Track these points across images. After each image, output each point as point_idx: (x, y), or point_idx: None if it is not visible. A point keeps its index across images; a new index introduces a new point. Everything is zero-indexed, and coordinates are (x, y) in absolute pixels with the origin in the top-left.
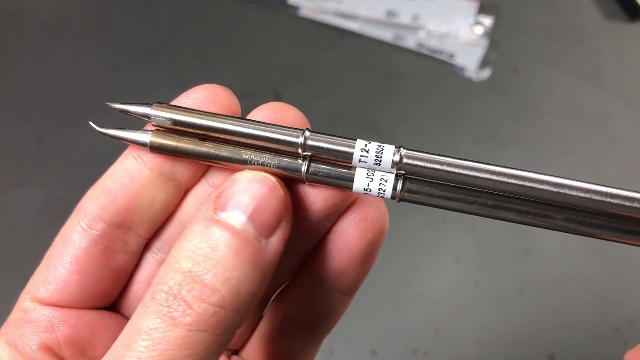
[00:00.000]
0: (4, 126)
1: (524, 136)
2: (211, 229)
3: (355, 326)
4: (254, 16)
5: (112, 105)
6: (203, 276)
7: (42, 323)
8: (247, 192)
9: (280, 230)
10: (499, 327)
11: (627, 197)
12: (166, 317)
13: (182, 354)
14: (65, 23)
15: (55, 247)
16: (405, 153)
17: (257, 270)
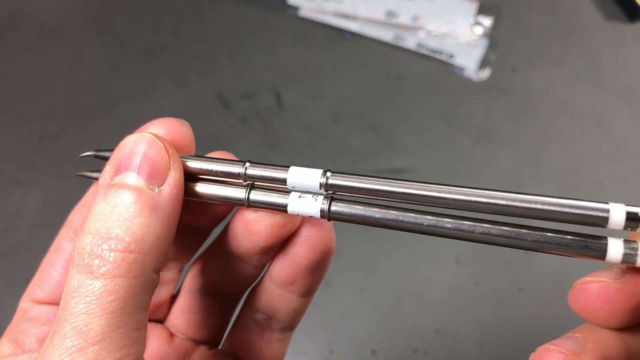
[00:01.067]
0: (4, 126)
1: (523, 136)
2: (109, 192)
3: (355, 326)
4: (254, 16)
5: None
6: (109, 231)
7: (41, 319)
8: (132, 152)
9: (172, 176)
10: (499, 327)
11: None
12: (86, 273)
13: (106, 300)
14: (65, 23)
15: (48, 255)
16: (330, 175)
17: (156, 214)
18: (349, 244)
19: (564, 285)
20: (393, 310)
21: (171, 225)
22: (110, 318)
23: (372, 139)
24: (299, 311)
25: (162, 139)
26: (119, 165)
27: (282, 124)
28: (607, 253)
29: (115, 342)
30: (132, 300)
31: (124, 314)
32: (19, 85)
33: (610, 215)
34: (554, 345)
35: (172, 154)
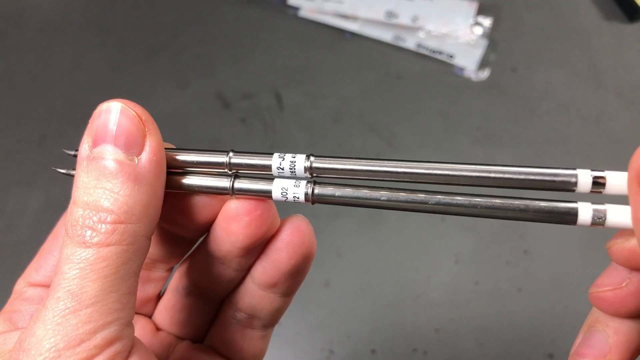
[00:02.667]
0: (5, 126)
1: (523, 136)
2: (90, 166)
3: (355, 326)
4: (254, 17)
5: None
6: (97, 204)
7: (35, 298)
8: (106, 122)
9: (149, 143)
10: (499, 326)
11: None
12: (79, 243)
13: (99, 266)
14: (66, 24)
15: (47, 242)
16: (314, 159)
17: (140, 183)
18: (349, 244)
19: (563, 285)
20: (393, 310)
21: (156, 190)
22: (104, 282)
23: (372, 139)
24: (281, 310)
25: (134, 106)
26: (96, 136)
27: (282, 124)
28: (577, 218)
29: (108, 306)
30: (124, 266)
31: (116, 279)
32: (19, 85)
33: (578, 180)
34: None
35: (146, 120)
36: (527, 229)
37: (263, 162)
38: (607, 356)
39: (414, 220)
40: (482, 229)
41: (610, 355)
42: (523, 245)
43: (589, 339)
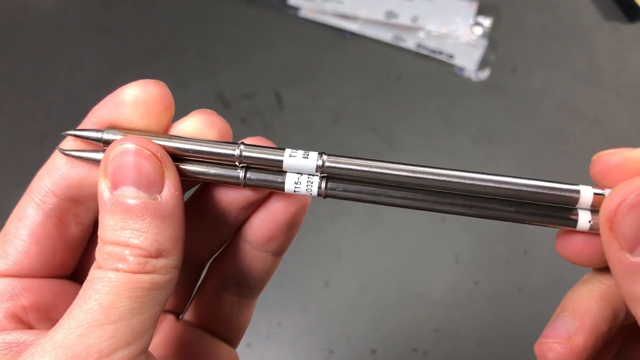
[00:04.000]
0: (5, 126)
1: (523, 136)
2: (115, 208)
3: (355, 326)
4: (254, 17)
5: (67, 133)
6: (128, 242)
7: (6, 293)
8: (123, 165)
9: (168, 179)
10: (498, 326)
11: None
12: (112, 269)
13: (132, 286)
14: (66, 24)
15: (10, 223)
16: (327, 158)
17: (166, 219)
18: (349, 244)
19: (563, 285)
20: (393, 310)
21: (181, 223)
22: (134, 302)
23: (372, 139)
24: (269, 272)
25: (149, 144)
26: (115, 179)
27: (282, 124)
28: (577, 223)
29: (131, 327)
30: (154, 293)
31: (145, 302)
32: (19, 85)
33: (580, 196)
34: (547, 338)
35: (162, 157)
36: (527, 229)
37: (274, 156)
38: (572, 337)
39: (414, 220)
40: (482, 229)
41: (575, 337)
42: (523, 245)
43: (555, 323)
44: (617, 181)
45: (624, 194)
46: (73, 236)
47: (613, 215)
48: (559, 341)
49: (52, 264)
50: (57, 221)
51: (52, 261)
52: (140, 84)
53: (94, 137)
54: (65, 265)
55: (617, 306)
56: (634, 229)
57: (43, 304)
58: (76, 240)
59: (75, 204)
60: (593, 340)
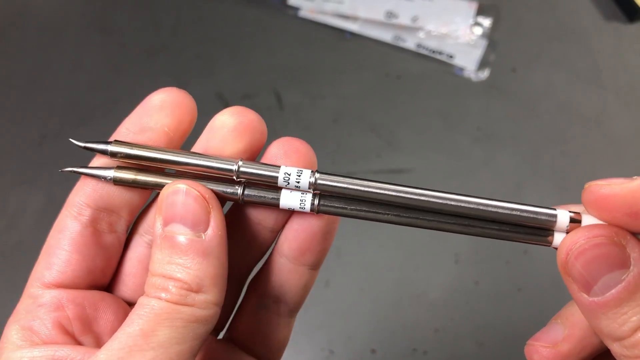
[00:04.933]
0: (5, 126)
1: (522, 136)
2: (163, 244)
3: (355, 326)
4: (254, 17)
5: (75, 143)
6: (172, 274)
7: (53, 304)
8: (174, 204)
9: (213, 219)
10: (498, 326)
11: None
12: (154, 296)
13: (173, 316)
14: (66, 24)
15: (51, 237)
16: (319, 176)
17: (208, 256)
18: (349, 244)
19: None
20: (393, 310)
21: (222, 261)
22: (173, 332)
23: (372, 139)
24: (308, 287)
25: (198, 186)
26: (166, 216)
27: (282, 124)
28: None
29: (169, 356)
30: (193, 325)
31: (184, 333)
32: (19, 85)
33: (557, 220)
34: (536, 341)
35: (209, 198)
36: None
37: (269, 173)
38: (557, 344)
39: None
40: None
41: (561, 344)
42: (523, 245)
43: (547, 329)
44: (602, 212)
45: (571, 243)
46: (109, 244)
47: (565, 263)
48: (545, 345)
49: (93, 271)
50: (93, 230)
51: (92, 268)
52: (166, 90)
53: (101, 149)
54: (104, 272)
55: None
56: (583, 274)
57: (85, 315)
58: (112, 247)
59: (108, 213)
60: (579, 350)
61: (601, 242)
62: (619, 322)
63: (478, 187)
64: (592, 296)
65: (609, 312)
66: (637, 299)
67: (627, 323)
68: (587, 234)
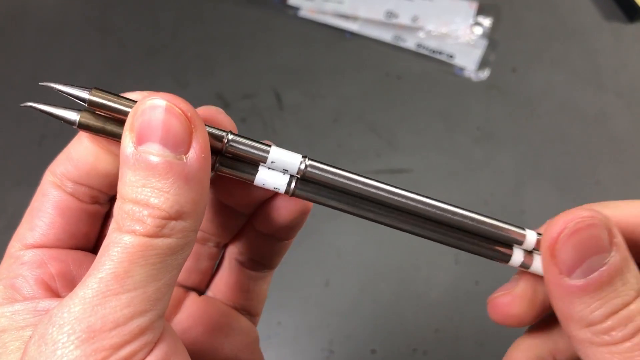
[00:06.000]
0: (5, 126)
1: (523, 136)
2: (138, 164)
3: (355, 326)
4: (254, 17)
5: (49, 85)
6: (147, 200)
7: (35, 262)
8: (151, 121)
9: (196, 140)
10: (498, 326)
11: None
12: (129, 231)
13: (148, 253)
14: (66, 23)
15: (35, 200)
16: (310, 163)
17: (190, 181)
18: (349, 244)
19: None
20: (393, 310)
21: (204, 187)
22: (150, 269)
23: (372, 139)
24: (282, 252)
25: (180, 102)
26: (140, 134)
27: (282, 124)
28: (511, 258)
29: (148, 294)
30: (171, 257)
31: (161, 268)
32: (20, 85)
33: (525, 239)
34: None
35: (192, 117)
36: None
37: (259, 152)
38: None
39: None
40: None
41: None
42: None
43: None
44: None
45: (565, 222)
46: (93, 210)
47: (554, 243)
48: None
49: (76, 235)
50: (76, 198)
51: (76, 232)
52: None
53: (81, 96)
54: (88, 237)
55: None
56: (573, 255)
57: (69, 272)
58: (96, 213)
59: (90, 188)
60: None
61: (594, 223)
62: (593, 307)
63: (478, 187)
64: (574, 279)
65: (585, 297)
66: (615, 284)
67: (601, 308)
68: (582, 214)
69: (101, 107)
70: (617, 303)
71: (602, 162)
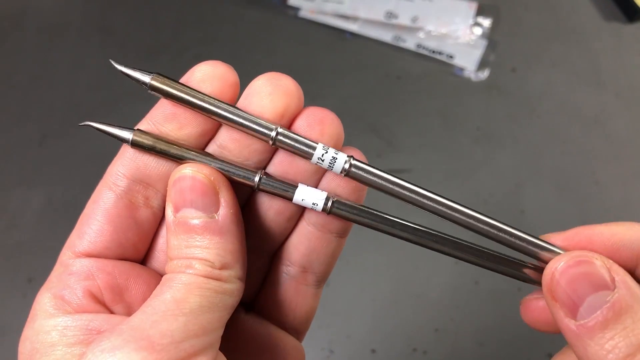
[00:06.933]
0: (6, 126)
1: (522, 136)
2: (178, 229)
3: (355, 326)
4: (254, 17)
5: (114, 65)
6: (194, 255)
7: (83, 273)
8: (183, 190)
9: (223, 198)
10: (498, 326)
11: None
12: (181, 272)
13: (202, 286)
14: (66, 24)
15: (87, 207)
16: (354, 163)
17: (224, 234)
18: (349, 244)
19: None
20: (393, 309)
21: (239, 237)
22: (204, 300)
23: (372, 139)
24: (335, 255)
25: (204, 168)
26: (176, 202)
27: None
28: None
29: (200, 322)
30: (221, 296)
31: (213, 304)
32: (21, 85)
33: None
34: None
35: (216, 179)
36: (526, 229)
37: (306, 148)
38: None
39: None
40: None
41: None
42: None
43: None
44: None
45: (555, 262)
46: (143, 218)
47: (550, 283)
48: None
49: (124, 244)
50: (128, 202)
51: (124, 241)
52: (209, 63)
53: (142, 80)
54: (137, 247)
55: None
56: (569, 293)
57: (116, 285)
58: (147, 222)
59: (144, 186)
60: None
61: (584, 260)
62: (607, 347)
63: (478, 187)
64: (580, 319)
65: (596, 337)
66: (624, 322)
67: (615, 349)
68: (571, 254)
69: (161, 92)
70: (633, 342)
71: (602, 162)
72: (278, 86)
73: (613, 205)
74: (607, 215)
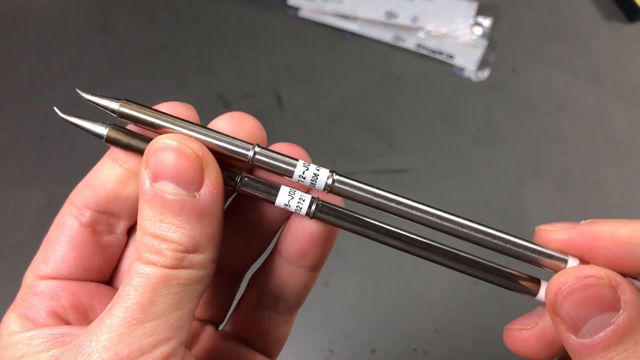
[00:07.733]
0: (5, 126)
1: (522, 136)
2: (154, 201)
3: (355, 326)
4: (254, 17)
5: (80, 94)
6: (165, 235)
7: (48, 293)
8: (164, 161)
9: (208, 177)
10: (499, 326)
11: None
12: (150, 263)
13: (170, 283)
14: (66, 23)
15: (51, 231)
16: (337, 178)
17: (203, 216)
18: (349, 244)
19: None
20: (393, 309)
21: (218, 219)
22: (172, 299)
23: (372, 139)
24: (308, 287)
25: (191, 142)
26: (155, 172)
27: (282, 124)
28: (538, 293)
29: (171, 322)
30: (192, 287)
31: (183, 298)
32: (20, 85)
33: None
34: (512, 325)
35: (203, 156)
36: (526, 229)
37: (286, 166)
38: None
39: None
40: None
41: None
42: None
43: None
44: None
45: (560, 283)
46: (108, 244)
47: (553, 302)
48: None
49: (89, 269)
50: (92, 230)
51: (88, 267)
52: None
53: (110, 107)
54: (102, 271)
55: None
56: (572, 314)
57: (81, 304)
58: (111, 247)
59: (107, 215)
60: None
61: (591, 283)
62: None
63: (478, 187)
64: (580, 338)
65: (595, 356)
66: (626, 344)
67: None
68: (576, 274)
69: (130, 118)
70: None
71: (602, 162)
72: (240, 129)
73: (613, 205)
74: (607, 216)
